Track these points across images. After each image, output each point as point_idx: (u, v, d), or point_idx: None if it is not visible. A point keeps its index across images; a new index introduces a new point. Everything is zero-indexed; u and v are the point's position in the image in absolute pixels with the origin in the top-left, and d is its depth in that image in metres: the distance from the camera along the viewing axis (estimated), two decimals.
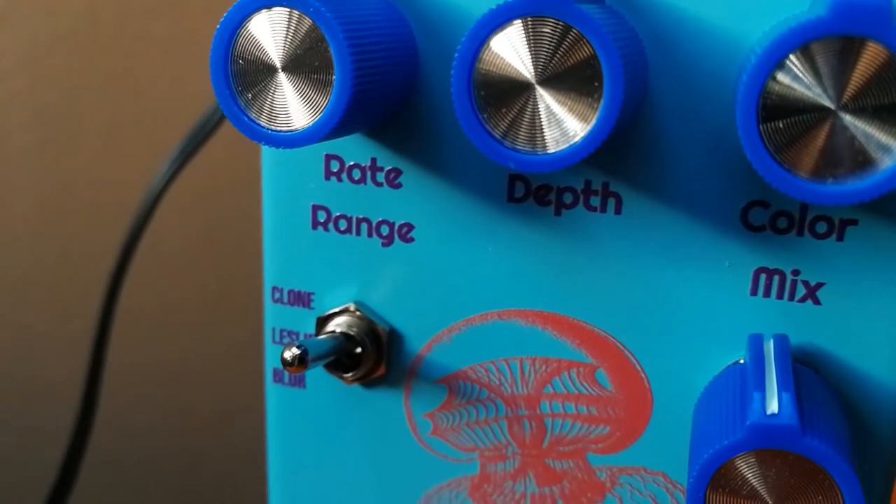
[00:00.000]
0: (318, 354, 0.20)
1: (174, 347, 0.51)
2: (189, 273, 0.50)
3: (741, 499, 0.17)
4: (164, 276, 0.50)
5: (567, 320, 0.20)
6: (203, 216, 0.49)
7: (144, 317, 0.50)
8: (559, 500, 0.22)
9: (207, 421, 0.53)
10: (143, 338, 0.50)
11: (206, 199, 0.48)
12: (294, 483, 0.24)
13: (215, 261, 0.50)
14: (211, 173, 0.44)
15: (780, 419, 0.16)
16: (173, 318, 0.51)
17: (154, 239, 0.36)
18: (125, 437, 0.52)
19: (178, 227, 0.48)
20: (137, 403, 0.52)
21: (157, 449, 0.54)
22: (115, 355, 0.36)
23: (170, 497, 0.55)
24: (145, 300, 0.49)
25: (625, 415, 0.21)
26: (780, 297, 0.19)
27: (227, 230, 0.49)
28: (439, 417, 0.22)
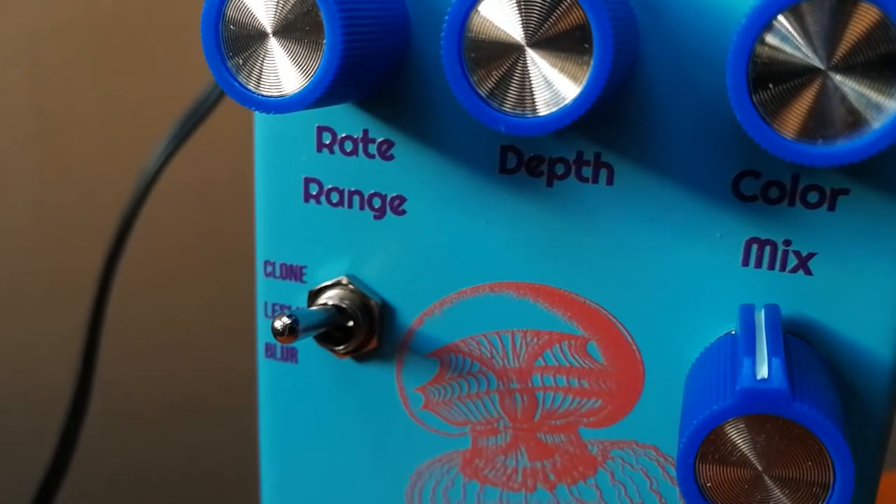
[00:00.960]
0: (308, 325, 0.20)
1: (169, 327, 0.51)
2: (184, 257, 0.50)
3: (730, 466, 0.17)
4: (159, 259, 0.50)
5: (558, 292, 0.20)
6: (198, 199, 0.49)
7: (138, 299, 0.50)
8: (551, 474, 0.22)
9: (204, 406, 0.53)
10: (137, 320, 0.50)
11: (201, 182, 0.48)
12: (285, 458, 0.23)
13: (212, 245, 0.50)
14: (206, 157, 0.45)
15: (770, 384, 0.16)
16: (168, 299, 0.51)
17: (149, 222, 0.36)
18: (119, 429, 0.52)
19: (173, 210, 0.48)
20: (132, 388, 0.52)
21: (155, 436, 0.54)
22: (109, 338, 0.35)
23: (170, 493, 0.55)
24: (141, 281, 0.49)
25: (616, 388, 0.21)
26: (772, 268, 0.19)
27: (223, 214, 0.48)
28: (431, 391, 0.22)
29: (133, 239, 0.33)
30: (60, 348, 0.42)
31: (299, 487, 0.24)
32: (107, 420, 0.50)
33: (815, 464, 0.16)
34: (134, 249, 0.43)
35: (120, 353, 0.49)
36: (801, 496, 0.16)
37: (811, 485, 0.16)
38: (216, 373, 0.52)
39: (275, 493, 0.24)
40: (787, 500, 0.17)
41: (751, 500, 0.17)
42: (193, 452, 0.54)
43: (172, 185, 0.48)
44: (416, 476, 0.23)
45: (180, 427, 0.53)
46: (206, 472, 0.54)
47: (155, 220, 0.47)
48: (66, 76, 0.48)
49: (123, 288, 0.41)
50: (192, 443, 0.54)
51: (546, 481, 0.22)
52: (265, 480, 0.24)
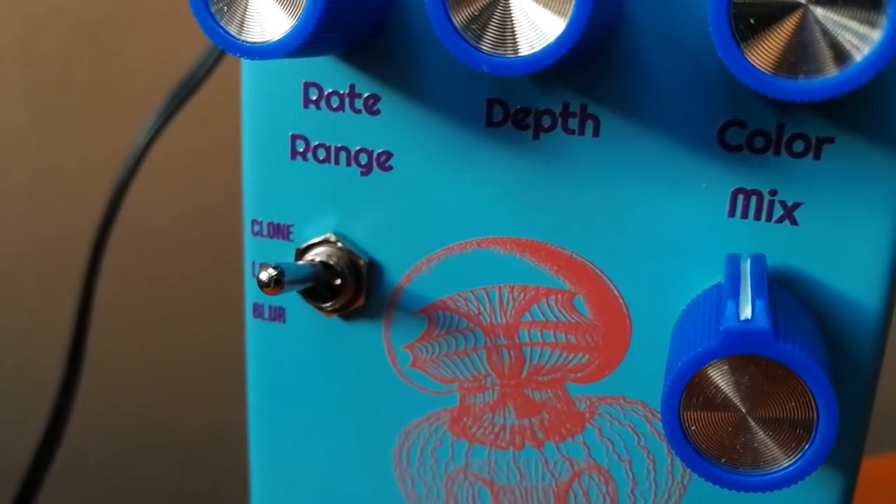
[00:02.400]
0: (294, 278, 0.20)
1: (161, 300, 0.51)
2: (175, 231, 0.50)
3: (714, 409, 0.17)
4: (150, 232, 0.50)
5: (545, 246, 0.20)
6: (188, 174, 0.49)
7: (130, 274, 0.50)
8: (538, 431, 0.22)
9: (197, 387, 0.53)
10: (128, 294, 0.50)
11: (192, 155, 0.48)
12: (274, 418, 0.23)
13: (203, 218, 0.50)
14: (196, 131, 0.45)
15: (753, 324, 0.16)
16: (159, 274, 0.51)
17: (139, 198, 0.36)
18: (111, 392, 0.52)
19: (164, 184, 0.48)
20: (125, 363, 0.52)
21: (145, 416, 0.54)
22: (100, 310, 0.35)
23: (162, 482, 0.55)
24: (131, 255, 0.49)
25: (603, 342, 0.21)
26: (758, 218, 0.19)
27: (214, 186, 0.48)
28: (419, 349, 0.22)
29: (124, 211, 0.33)
30: (52, 325, 0.42)
31: (287, 448, 0.24)
32: (97, 394, 0.50)
33: (799, 404, 0.16)
34: (125, 222, 0.43)
35: (111, 325, 0.49)
36: (785, 438, 0.16)
37: (795, 426, 0.16)
38: (209, 339, 0.52)
39: (263, 453, 0.24)
40: (770, 441, 0.17)
41: (735, 444, 0.17)
42: (187, 409, 0.54)
43: (164, 159, 0.48)
44: (403, 435, 0.23)
45: (171, 388, 0.53)
46: (197, 428, 0.54)
47: (146, 193, 0.47)
48: (60, 63, 0.48)
49: (113, 264, 0.41)
50: (187, 399, 0.53)
51: (534, 439, 0.22)
52: (253, 440, 0.24)
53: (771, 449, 0.17)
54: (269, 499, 0.24)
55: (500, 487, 0.22)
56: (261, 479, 0.24)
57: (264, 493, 0.24)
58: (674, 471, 0.21)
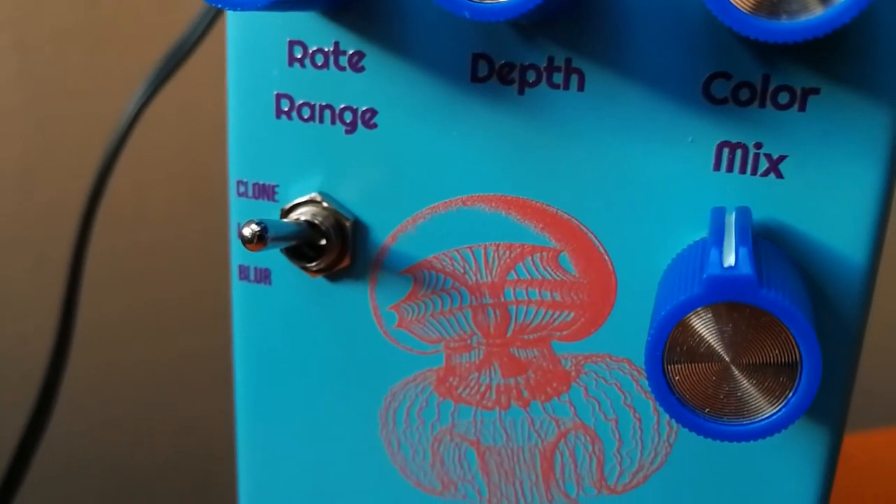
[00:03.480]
0: (278, 235, 0.20)
1: (151, 260, 0.51)
2: (166, 197, 0.50)
3: (697, 359, 0.17)
4: (140, 201, 0.50)
5: (530, 204, 0.20)
6: (179, 141, 0.49)
7: (120, 242, 0.50)
8: (524, 390, 0.21)
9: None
10: (118, 259, 0.50)
11: (180, 125, 0.48)
12: (260, 380, 0.23)
13: (194, 183, 0.50)
14: (186, 99, 0.44)
15: (736, 270, 0.16)
16: (148, 237, 0.51)
17: (131, 161, 0.36)
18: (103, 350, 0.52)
19: (155, 151, 0.48)
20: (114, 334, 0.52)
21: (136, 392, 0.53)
22: (91, 274, 0.35)
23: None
24: (120, 226, 0.49)
25: (589, 299, 0.20)
26: (743, 172, 0.19)
27: (205, 152, 0.48)
28: (404, 309, 0.22)
29: (115, 176, 0.33)
30: (47, 304, 0.42)
31: (273, 411, 0.23)
32: (90, 351, 0.50)
33: (782, 352, 0.16)
34: (116, 187, 0.43)
35: (102, 287, 0.49)
36: (769, 386, 0.16)
37: (778, 374, 0.16)
38: (200, 301, 0.52)
39: (249, 415, 0.24)
40: (754, 390, 0.16)
41: (718, 393, 0.17)
42: (177, 368, 0.54)
43: (154, 126, 0.48)
44: (389, 397, 0.22)
45: (162, 349, 0.53)
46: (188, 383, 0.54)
47: (137, 158, 0.46)
48: (53, 44, 0.48)
49: (103, 232, 0.41)
50: (177, 354, 0.53)
51: (520, 398, 0.22)
52: (239, 403, 0.24)
53: (755, 398, 0.17)
54: (255, 462, 0.24)
55: (487, 448, 0.22)
56: (247, 443, 0.24)
57: (250, 457, 0.24)
58: (660, 430, 0.21)
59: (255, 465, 0.24)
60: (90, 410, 0.54)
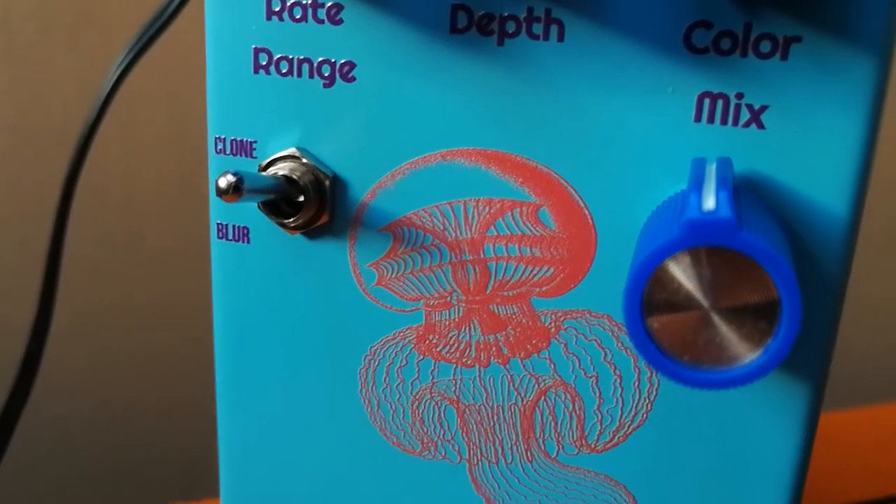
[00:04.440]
0: (255, 187, 0.20)
1: (139, 252, 0.51)
2: (147, 169, 0.50)
3: (676, 305, 0.16)
4: (121, 173, 0.49)
5: (510, 157, 0.20)
6: (168, 126, 0.48)
7: (108, 228, 0.49)
8: (504, 347, 0.21)
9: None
10: (109, 245, 0.50)
11: (169, 110, 0.48)
12: (239, 340, 0.23)
13: (176, 154, 0.49)
14: (175, 83, 0.44)
15: (715, 214, 0.16)
16: (134, 207, 0.51)
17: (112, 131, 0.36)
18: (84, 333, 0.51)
19: (141, 136, 0.48)
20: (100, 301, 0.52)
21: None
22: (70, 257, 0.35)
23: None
24: (109, 213, 0.48)
25: (568, 254, 0.20)
26: (724, 123, 0.19)
27: (195, 139, 0.48)
28: (384, 267, 0.22)
29: (103, 162, 0.33)
30: (33, 283, 0.42)
31: (252, 370, 0.23)
32: (81, 336, 0.50)
33: (762, 298, 0.16)
34: (104, 172, 0.43)
35: (93, 273, 0.48)
36: (749, 332, 0.16)
37: (758, 320, 0.16)
38: (191, 287, 0.51)
39: (228, 375, 0.23)
40: (734, 336, 0.16)
41: (697, 340, 0.16)
42: (168, 353, 0.54)
43: (142, 111, 0.47)
44: (369, 355, 0.22)
45: (152, 335, 0.53)
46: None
47: (125, 143, 0.46)
48: (38, 24, 0.47)
49: (91, 219, 0.41)
50: (168, 339, 0.53)
51: (499, 355, 0.21)
52: (219, 362, 0.23)
53: (734, 344, 0.16)
54: (234, 422, 0.24)
55: (467, 406, 0.22)
56: (225, 403, 0.24)
57: (229, 417, 0.24)
58: (641, 387, 0.21)
59: (234, 426, 0.24)
60: (81, 394, 0.53)
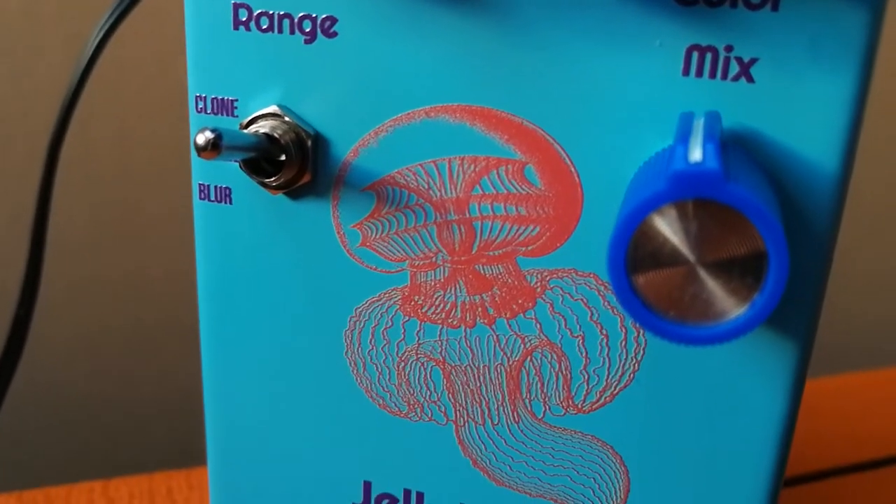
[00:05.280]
0: (234, 144, 0.19)
1: (116, 215, 0.51)
2: (126, 140, 0.49)
3: (662, 260, 0.16)
4: (122, 155, 0.49)
5: (495, 114, 0.20)
6: (160, 95, 0.48)
7: (103, 198, 0.49)
8: (490, 308, 0.21)
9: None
10: (102, 214, 0.49)
11: (161, 78, 0.47)
12: (222, 303, 0.23)
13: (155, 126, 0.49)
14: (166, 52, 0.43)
15: (703, 166, 0.15)
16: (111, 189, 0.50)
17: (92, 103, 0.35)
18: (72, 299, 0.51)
19: (134, 104, 0.47)
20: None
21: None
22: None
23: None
24: (103, 182, 0.48)
25: (555, 213, 0.20)
26: (713, 76, 0.18)
27: (179, 92, 0.47)
28: (368, 227, 0.21)
29: (96, 131, 0.32)
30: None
31: (237, 333, 0.23)
32: (77, 306, 0.50)
33: (749, 251, 0.16)
34: (96, 142, 0.42)
35: (86, 243, 0.48)
36: (735, 287, 0.16)
37: (744, 274, 0.16)
38: (185, 257, 0.51)
39: (212, 338, 0.23)
40: (720, 291, 0.16)
41: (683, 296, 0.16)
42: (162, 322, 0.53)
43: (134, 79, 0.47)
44: (354, 317, 0.22)
45: (146, 304, 0.53)
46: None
47: (118, 111, 0.46)
48: (30, 11, 0.47)
49: (85, 189, 0.40)
50: (162, 308, 0.53)
51: (485, 316, 0.21)
52: (203, 326, 0.23)
53: (721, 300, 0.16)
54: (219, 385, 0.24)
55: (453, 367, 0.22)
56: (210, 365, 0.23)
57: (214, 380, 0.24)
58: (627, 346, 0.20)
59: (219, 389, 0.24)
60: (74, 364, 0.53)
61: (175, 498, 0.37)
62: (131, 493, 0.37)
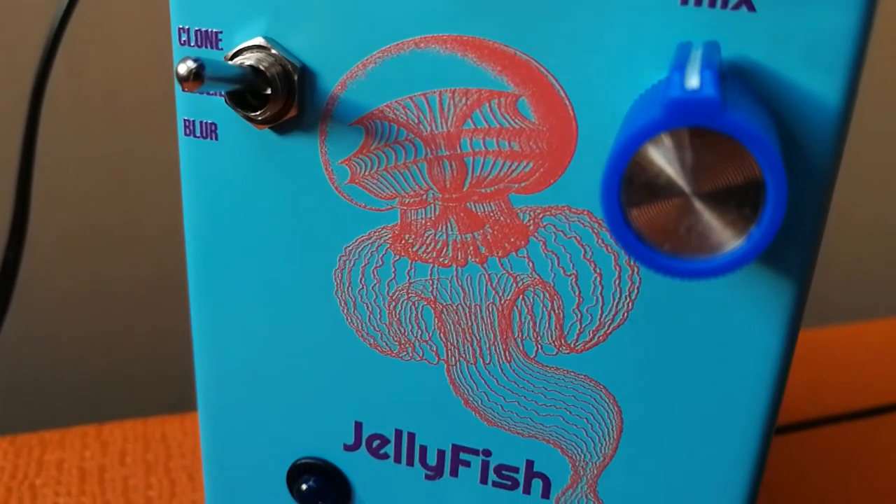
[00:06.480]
0: (217, 75, 0.19)
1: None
2: (108, 96, 0.48)
3: (657, 192, 0.16)
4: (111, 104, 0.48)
5: (488, 44, 0.19)
6: (150, 38, 0.47)
7: (92, 149, 0.48)
8: (481, 246, 0.21)
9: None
10: (95, 165, 0.49)
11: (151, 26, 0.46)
12: (210, 242, 0.22)
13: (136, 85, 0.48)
14: None
15: (700, 93, 0.15)
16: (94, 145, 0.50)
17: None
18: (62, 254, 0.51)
19: (123, 52, 0.46)
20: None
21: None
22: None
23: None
24: (92, 132, 0.47)
25: (548, 148, 0.19)
26: (713, 5, 0.18)
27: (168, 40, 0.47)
28: (356, 163, 0.21)
29: (76, 69, 0.32)
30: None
31: (225, 273, 0.23)
32: (73, 261, 0.49)
33: (746, 182, 0.15)
34: (84, 92, 0.42)
35: (81, 196, 0.47)
36: (732, 219, 0.16)
37: (741, 206, 0.15)
38: (173, 193, 0.51)
39: (200, 278, 0.23)
40: (716, 223, 0.16)
41: (678, 228, 0.16)
42: (158, 276, 0.53)
43: (124, 27, 0.46)
44: (344, 256, 0.22)
45: (142, 259, 0.53)
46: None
47: (107, 59, 0.45)
48: None
49: (76, 140, 0.39)
50: (158, 262, 0.53)
51: (477, 254, 0.21)
52: (191, 265, 0.23)
53: (717, 232, 0.16)
54: (208, 326, 0.23)
55: (444, 306, 0.21)
56: (199, 305, 0.23)
57: (204, 321, 0.23)
58: (621, 285, 0.20)
59: (208, 329, 0.23)
60: (71, 314, 0.53)
61: (169, 443, 0.37)
62: (125, 438, 0.37)
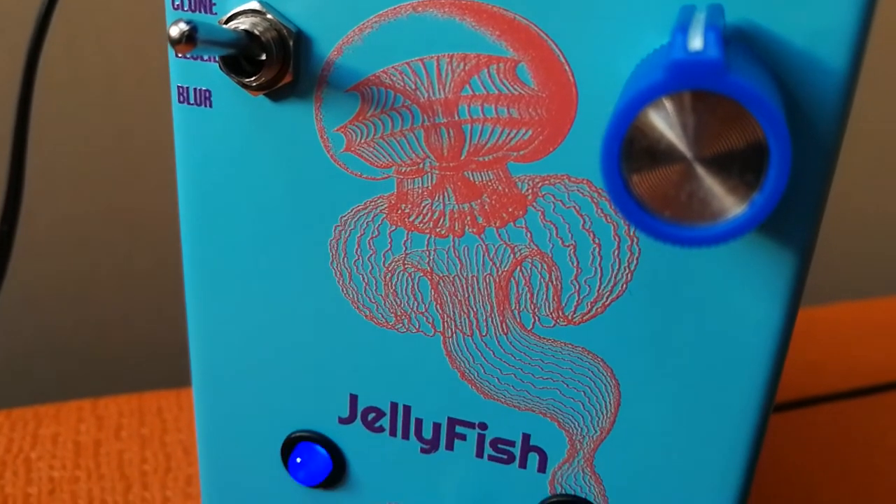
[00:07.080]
0: (211, 38, 0.18)
1: (125, 147, 0.50)
2: (101, 79, 0.48)
3: (658, 157, 0.15)
4: (110, 83, 0.47)
5: (486, 8, 0.19)
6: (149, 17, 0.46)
7: (93, 124, 0.48)
8: (479, 216, 0.20)
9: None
10: (94, 137, 0.48)
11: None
12: (204, 211, 0.22)
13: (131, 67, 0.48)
14: None
15: (703, 54, 0.14)
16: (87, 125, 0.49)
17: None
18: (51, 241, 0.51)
19: (122, 30, 0.46)
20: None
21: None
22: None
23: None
24: (93, 109, 0.47)
25: (548, 115, 0.19)
26: None
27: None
28: (352, 131, 0.20)
29: (75, 49, 0.31)
30: None
31: (218, 243, 0.22)
32: (72, 246, 0.49)
33: (749, 147, 0.15)
34: (85, 71, 0.41)
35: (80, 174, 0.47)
36: (734, 185, 0.15)
37: (744, 172, 0.15)
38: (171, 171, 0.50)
39: (194, 248, 0.23)
40: (718, 189, 0.15)
41: (679, 194, 0.15)
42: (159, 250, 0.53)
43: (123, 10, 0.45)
44: (340, 226, 0.21)
45: (141, 234, 0.52)
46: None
47: (105, 39, 0.44)
48: None
49: (76, 117, 0.39)
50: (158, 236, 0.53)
51: (474, 225, 0.20)
52: (185, 235, 0.23)
53: (718, 198, 0.15)
54: (203, 297, 0.23)
55: (441, 277, 0.21)
56: (193, 275, 0.23)
57: (197, 291, 0.23)
58: (620, 255, 0.20)
59: (202, 300, 0.23)
60: (70, 296, 0.53)
61: (165, 417, 0.37)
62: (121, 412, 0.37)
